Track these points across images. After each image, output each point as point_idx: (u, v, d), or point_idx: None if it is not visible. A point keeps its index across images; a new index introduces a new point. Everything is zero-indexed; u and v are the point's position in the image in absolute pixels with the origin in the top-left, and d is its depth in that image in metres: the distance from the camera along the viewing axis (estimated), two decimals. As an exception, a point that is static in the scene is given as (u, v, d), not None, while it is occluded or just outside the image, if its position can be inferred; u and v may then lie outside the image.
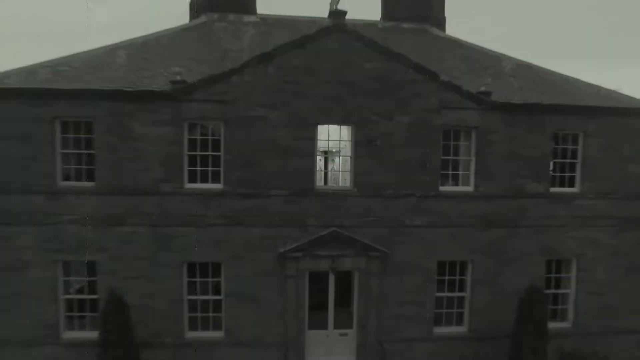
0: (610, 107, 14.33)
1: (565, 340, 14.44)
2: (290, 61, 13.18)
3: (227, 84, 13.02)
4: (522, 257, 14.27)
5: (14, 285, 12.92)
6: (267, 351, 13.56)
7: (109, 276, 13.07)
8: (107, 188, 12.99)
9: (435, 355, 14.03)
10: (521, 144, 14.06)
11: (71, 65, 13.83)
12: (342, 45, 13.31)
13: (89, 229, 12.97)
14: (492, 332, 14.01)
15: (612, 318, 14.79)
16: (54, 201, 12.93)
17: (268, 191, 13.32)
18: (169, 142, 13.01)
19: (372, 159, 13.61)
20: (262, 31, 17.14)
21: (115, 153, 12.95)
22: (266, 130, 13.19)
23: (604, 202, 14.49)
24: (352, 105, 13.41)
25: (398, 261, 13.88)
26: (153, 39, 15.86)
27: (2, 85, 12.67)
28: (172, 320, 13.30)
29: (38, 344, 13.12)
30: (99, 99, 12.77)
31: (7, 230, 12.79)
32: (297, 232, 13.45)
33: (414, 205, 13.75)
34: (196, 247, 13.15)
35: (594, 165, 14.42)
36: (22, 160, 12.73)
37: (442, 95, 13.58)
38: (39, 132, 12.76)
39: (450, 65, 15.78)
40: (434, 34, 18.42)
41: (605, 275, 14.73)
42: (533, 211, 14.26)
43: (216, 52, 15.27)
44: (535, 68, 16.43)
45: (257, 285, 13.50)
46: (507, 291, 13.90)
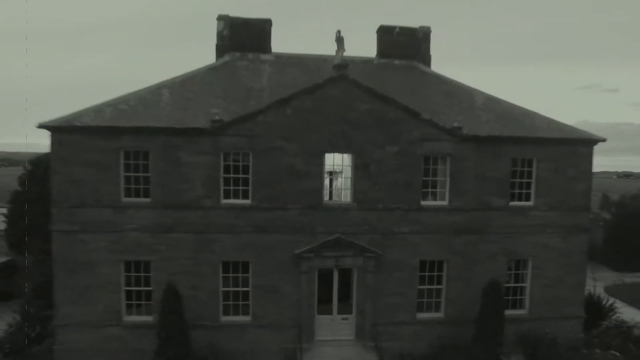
0: (558, 137, 18.05)
1: (523, 324, 18.22)
2: (303, 104, 16.84)
3: (253, 122, 16.68)
4: (487, 257, 17.98)
5: (88, 279, 16.60)
6: (284, 332, 17.25)
7: (161, 272, 16.75)
8: (160, 203, 16.66)
9: (418, 336, 17.73)
10: (487, 168, 17.75)
11: (128, 104, 17.48)
12: (344, 91, 16.96)
13: (145, 235, 16.66)
14: (462, 317, 17.72)
15: (559, 306, 18.54)
16: (118, 213, 16.59)
17: (286, 205, 16.99)
18: (209, 167, 16.66)
19: (367, 180, 17.30)
20: (277, 69, 20.80)
21: (166, 176, 16.60)
22: (284, 158, 16.85)
23: (553, 213, 18.22)
24: (351, 138, 17.08)
25: (388, 260, 17.58)
26: (189, 78, 19.49)
27: (80, 124, 16.30)
28: (210, 307, 16.98)
29: (105, 325, 16.82)
30: (154, 134, 16.42)
31: (83, 235, 16.45)
32: (309, 238, 17.12)
33: (401, 217, 17.44)
34: (230, 250, 16.84)
35: (545, 184, 18.14)
36: (95, 182, 16.39)
37: (424, 129, 17.26)
38: (107, 159, 16.41)
39: (433, 101, 19.50)
40: (421, 70, 22.10)
41: (554, 272, 18.48)
42: (496, 221, 17.97)
43: (241, 91, 18.94)
44: (501, 102, 20.14)
45: (277, 279, 17.19)
46: (475, 284, 17.59)
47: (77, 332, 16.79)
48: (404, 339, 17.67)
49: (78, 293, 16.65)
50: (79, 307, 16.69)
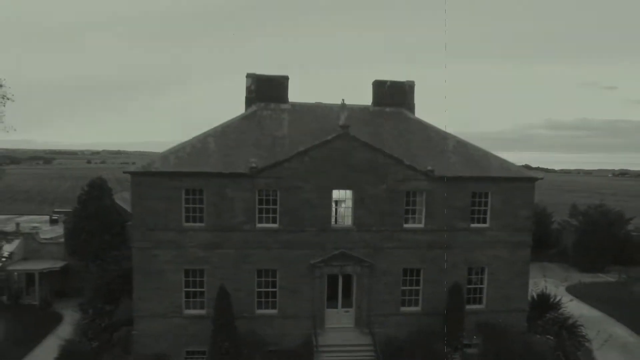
0: (506, 176, 24.43)
1: (481, 316, 24.66)
2: (316, 154, 23.16)
3: (280, 168, 23.00)
4: (453, 266, 24.36)
5: (158, 283, 22.94)
6: (302, 321, 23.60)
7: (212, 278, 23.09)
8: (211, 227, 23.00)
9: (401, 324, 24.10)
10: (453, 198, 24.09)
11: (186, 152, 23.79)
12: (346, 144, 23.28)
13: (200, 251, 23.01)
14: (434, 310, 24.07)
15: (508, 302, 24.96)
16: (181, 235, 22.93)
17: (304, 228, 23.33)
18: (247, 200, 22.98)
19: (363, 209, 23.64)
20: (294, 117, 27.14)
21: (216, 207, 22.92)
22: (302, 194, 23.18)
23: (503, 233, 24.61)
24: (352, 178, 23.41)
25: (379, 268, 23.95)
26: (227, 126, 25.78)
27: (153, 169, 22.62)
28: (248, 303, 23.33)
29: (170, 316, 23.17)
30: (207, 177, 22.74)
31: (156, 251, 22.78)
32: (320, 252, 23.47)
33: (388, 236, 23.80)
34: (262, 261, 23.21)
35: (497, 211, 24.52)
36: (164, 211, 22.71)
37: (406, 172, 23.60)
38: (172, 195, 22.72)
39: (414, 145, 25.87)
40: (406, 116, 28.46)
41: (504, 276, 24.89)
42: (460, 238, 24.34)
43: (268, 139, 25.26)
44: (468, 146, 26.49)
45: (297, 282, 23.55)
46: (443, 286, 23.96)
47: (150, 321, 23.13)
48: (391, 326, 24.02)
49: (151, 293, 23.00)
50: (151, 303, 23.04)
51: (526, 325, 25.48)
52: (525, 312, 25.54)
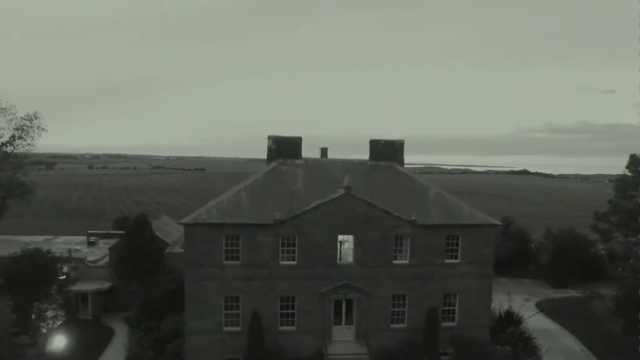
0: (473, 224, 32.01)
1: (454, 331, 32.22)
2: (325, 208, 30.73)
3: (298, 219, 30.55)
4: (431, 293, 31.90)
5: (204, 306, 30.48)
6: (314, 335, 31.08)
7: (246, 303, 30.62)
8: (245, 264, 30.55)
9: (391, 337, 31.57)
10: (431, 240, 31.65)
11: (224, 205, 31.34)
12: (349, 201, 30.83)
13: (237, 282, 30.55)
14: (416, 327, 31.58)
15: (474, 320, 32.51)
16: (222, 270, 30.48)
17: (316, 265, 30.88)
18: (272, 243, 30.52)
19: (362, 249, 31.20)
20: (307, 172, 34.70)
21: (248, 248, 30.47)
22: (315, 238, 30.72)
23: (470, 266, 32.18)
24: (353, 226, 30.95)
25: (374, 294, 31.49)
26: (254, 181, 33.35)
27: (201, 221, 30.17)
28: (273, 321, 30.84)
29: (213, 332, 30.68)
30: (242, 227, 30.31)
31: (203, 282, 30.30)
32: (329, 282, 31.02)
33: (381, 270, 31.36)
34: (284, 290, 30.76)
35: (466, 250, 32.09)
36: (208, 252, 30.24)
37: (394, 221, 31.16)
38: (215, 240, 30.26)
39: (402, 196, 33.40)
40: (397, 169, 36.05)
41: (471, 300, 32.45)
42: (437, 271, 31.91)
43: (286, 192, 32.81)
44: (445, 196, 34.08)
45: (310, 305, 31.07)
46: (424, 308, 31.49)
47: (197, 336, 30.62)
48: (383, 339, 31.50)
49: (198, 314, 30.52)
50: (198, 321, 30.56)
51: (489, 338, 33.00)
52: (487, 328, 33.09)
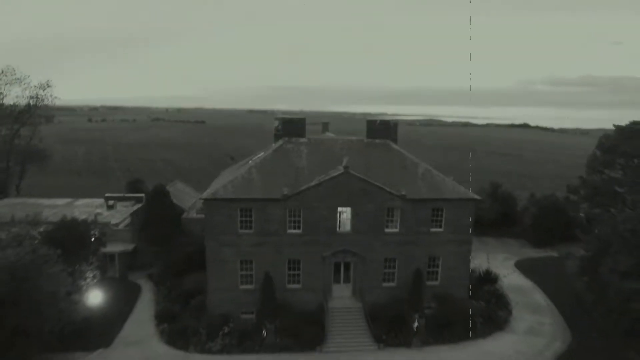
0: (456, 198, 36.94)
1: (437, 289, 37.82)
2: (327, 184, 35.53)
3: (303, 194, 35.43)
4: (418, 256, 37.27)
5: (223, 268, 35.89)
6: (317, 292, 36.66)
7: (258, 265, 36.02)
8: (258, 232, 35.70)
9: (382, 294, 37.18)
10: (419, 212, 36.68)
11: (238, 182, 36.13)
12: (347, 178, 35.60)
13: (250, 248, 35.83)
14: (404, 285, 37.11)
15: (455, 279, 38.06)
16: (237, 237, 35.67)
17: (318, 233, 36.05)
18: (281, 215, 35.54)
19: (358, 219, 36.27)
20: (310, 150, 39.30)
21: (260, 219, 35.53)
22: (318, 210, 35.72)
23: (452, 235, 37.39)
24: (351, 200, 35.88)
25: (369, 258, 36.85)
26: (264, 158, 38.02)
27: (218, 196, 35.04)
28: (282, 281, 36.36)
29: (230, 290, 36.24)
30: (254, 201, 35.24)
31: (221, 248, 35.54)
32: (329, 248, 36.30)
33: (374, 237, 36.56)
34: (291, 254, 36.07)
35: (448, 220, 37.18)
36: (225, 222, 35.29)
37: (387, 196, 36.04)
38: (231, 212, 35.27)
39: (394, 172, 38.15)
40: (391, 147, 40.62)
41: (452, 262, 37.88)
42: (423, 238, 37.14)
43: (292, 169, 37.53)
44: (433, 172, 38.82)
45: (313, 267, 36.50)
46: (411, 270, 36.92)
47: (217, 293, 36.19)
48: (375, 295, 37.12)
49: (218, 274, 35.96)
50: (218, 281, 36.05)
51: (467, 294, 38.64)
52: (466, 286, 38.66)
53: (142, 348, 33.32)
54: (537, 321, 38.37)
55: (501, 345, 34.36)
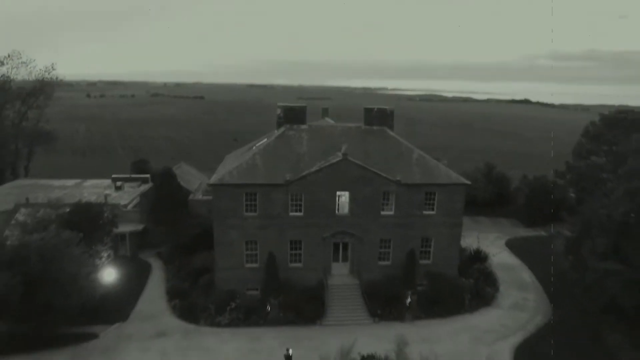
0: (447, 183, 39.47)
1: (428, 267, 40.70)
2: (327, 170, 38.00)
3: (304, 179, 37.94)
4: (411, 237, 40.00)
5: (229, 249, 38.68)
6: (317, 271, 39.52)
7: (262, 245, 38.79)
8: (262, 215, 38.33)
9: (378, 272, 40.04)
10: (413, 196, 39.27)
11: (243, 168, 38.60)
12: (346, 165, 38.05)
13: (255, 230, 38.53)
14: (399, 264, 39.97)
15: (446, 259, 40.91)
16: (241, 220, 38.34)
17: (319, 216, 38.70)
18: (283, 199, 38.09)
19: (355, 203, 38.88)
20: (310, 136, 41.67)
21: (264, 203, 38.13)
22: (318, 194, 38.28)
23: (444, 217, 40.05)
24: (349, 184, 38.40)
25: (365, 239, 39.62)
26: (267, 145, 40.40)
27: (225, 182, 37.55)
28: (284, 260, 39.19)
29: (237, 268, 39.11)
30: (259, 186, 37.78)
31: (228, 230, 38.25)
32: (328, 230, 39.02)
33: (371, 220, 39.24)
34: (293, 235, 38.81)
35: (441, 203, 39.78)
36: (232, 206, 37.91)
37: (382, 181, 38.55)
38: (237, 196, 37.84)
39: (390, 159, 40.59)
40: (387, 133, 42.96)
41: (444, 243, 40.66)
42: (417, 221, 39.81)
43: (294, 155, 39.96)
44: (426, 158, 41.25)
45: (314, 247, 39.29)
46: (405, 250, 39.73)
47: (225, 271, 39.03)
48: (371, 273, 39.98)
49: (225, 254, 38.75)
50: (225, 260, 38.86)
51: (457, 273, 41.52)
52: (456, 265, 41.51)
53: (156, 322, 36.30)
54: (522, 297, 41.38)
55: (487, 319, 37.38)
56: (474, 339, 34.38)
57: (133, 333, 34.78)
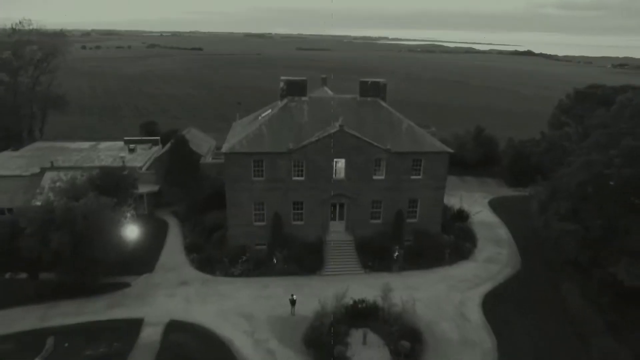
0: (432, 151, 44.78)
1: (414, 225, 46.66)
2: (324, 140, 43.16)
3: (305, 148, 43.18)
4: (400, 199, 45.71)
5: (239, 210, 44.42)
6: (317, 227, 45.40)
7: (269, 206, 44.55)
8: (268, 179, 43.85)
9: (370, 229, 45.92)
10: (401, 163, 44.67)
11: (250, 137, 43.75)
12: (341, 135, 43.15)
13: (262, 192, 44.15)
14: (388, 222, 45.85)
15: (431, 217, 46.81)
16: (251, 184, 43.88)
17: (318, 180, 44.21)
18: (287, 165, 43.50)
19: (351, 169, 44.32)
20: (311, 107, 46.65)
21: (270, 168, 43.54)
22: (317, 161, 43.63)
23: (430, 181, 45.62)
24: (344, 152, 43.68)
25: (359, 200, 45.33)
26: (272, 115, 45.43)
27: (235, 150, 42.80)
28: (288, 218, 45.03)
29: (246, 226, 45.01)
30: (265, 154, 43.09)
31: (238, 193, 43.86)
32: (327, 192, 44.63)
33: (365, 183, 44.80)
34: (296, 196, 44.48)
35: (426, 169, 45.25)
36: (241, 172, 43.32)
37: (375, 149, 43.80)
38: (246, 163, 43.21)
39: (381, 127, 45.72)
40: (380, 104, 47.87)
41: (428, 203, 46.43)
42: (405, 184, 45.39)
43: (296, 125, 45.07)
44: (414, 128, 46.34)
45: (314, 207, 45.04)
46: (393, 209, 45.52)
47: (236, 229, 44.93)
48: (364, 230, 45.91)
49: (236, 214, 44.54)
50: (237, 219, 44.69)
51: (440, 230, 47.48)
52: (439, 223, 47.42)
53: (178, 272, 42.49)
54: (497, 252, 47.56)
55: (463, 270, 43.63)
56: (450, 287, 40.67)
57: (159, 282, 41.01)
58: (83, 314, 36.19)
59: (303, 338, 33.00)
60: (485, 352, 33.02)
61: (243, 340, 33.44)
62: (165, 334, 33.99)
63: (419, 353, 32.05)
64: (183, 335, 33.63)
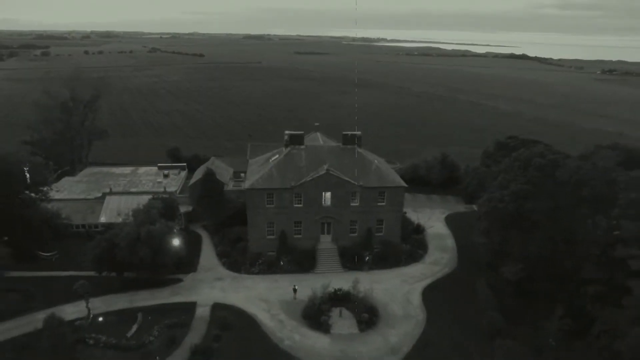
0: (392, 185, 65.35)
1: (381, 238, 67.34)
2: (316, 179, 63.75)
3: (302, 185, 63.73)
4: (369, 219, 66.27)
5: (257, 227, 64.92)
6: (312, 239, 65.93)
7: (277, 225, 65.08)
8: (277, 206, 64.52)
9: (349, 240, 66.40)
10: (370, 194, 65.22)
11: (266, 177, 64.26)
12: (328, 176, 63.69)
13: (273, 215, 64.72)
14: (362, 236, 66.26)
15: (393, 233, 67.37)
16: (264, 210, 64.46)
17: (312, 206, 64.82)
18: (290, 197, 64.04)
19: (335, 198, 64.85)
20: (307, 154, 67.50)
21: (278, 199, 64.08)
22: (311, 194, 64.16)
23: (390, 207, 66.23)
24: (330, 187, 64.24)
25: (341, 220, 65.90)
26: (280, 161, 66.06)
27: (254, 187, 63.29)
28: (291, 232, 65.54)
29: (262, 238, 65.49)
30: (275, 189, 63.63)
31: (256, 216, 64.37)
32: (318, 215, 65.18)
33: (344, 208, 65.39)
34: (296, 218, 64.98)
35: (388, 198, 65.80)
36: (258, 201, 63.82)
37: (352, 185, 64.35)
38: (261, 195, 63.74)
39: (357, 168, 66.36)
40: (355, 150, 68.65)
41: (390, 222, 67.04)
42: (373, 209, 65.94)
43: (296, 167, 65.75)
44: (381, 167, 66.94)
45: (310, 225, 65.61)
46: (365, 226, 66.01)
47: (254, 240, 65.45)
48: (344, 241, 66.38)
49: (254, 230, 65.09)
50: (254, 234, 65.23)
51: (400, 240, 67.92)
52: (399, 236, 67.89)
53: (214, 272, 62.94)
54: (441, 257, 68.06)
55: (414, 270, 64.11)
56: (402, 281, 61.17)
57: (202, 278, 61.48)
58: (156, 298, 56.61)
59: (302, 313, 53.44)
60: (418, 322, 53.43)
61: (263, 314, 53.91)
62: (212, 311, 54.39)
63: (375, 322, 52.49)
64: (224, 312, 54.01)
